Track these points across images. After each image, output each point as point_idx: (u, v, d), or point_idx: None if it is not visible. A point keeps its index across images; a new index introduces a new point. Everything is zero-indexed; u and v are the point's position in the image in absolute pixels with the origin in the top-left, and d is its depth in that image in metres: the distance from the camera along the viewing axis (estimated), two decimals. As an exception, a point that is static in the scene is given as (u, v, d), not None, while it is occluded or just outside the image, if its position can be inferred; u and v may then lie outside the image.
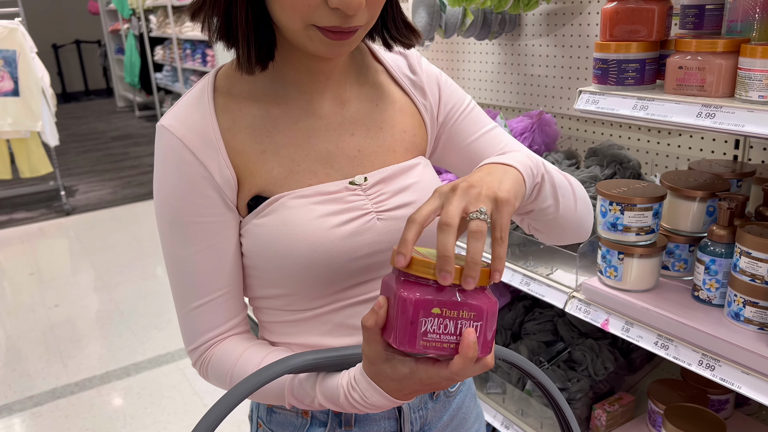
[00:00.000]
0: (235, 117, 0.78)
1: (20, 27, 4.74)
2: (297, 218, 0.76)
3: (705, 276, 1.20)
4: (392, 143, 0.85)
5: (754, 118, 0.95)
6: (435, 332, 0.58)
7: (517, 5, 1.78)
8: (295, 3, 0.66)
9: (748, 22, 1.07)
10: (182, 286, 0.79)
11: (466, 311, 0.58)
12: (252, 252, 0.78)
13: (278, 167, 0.78)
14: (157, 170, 0.78)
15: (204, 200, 0.76)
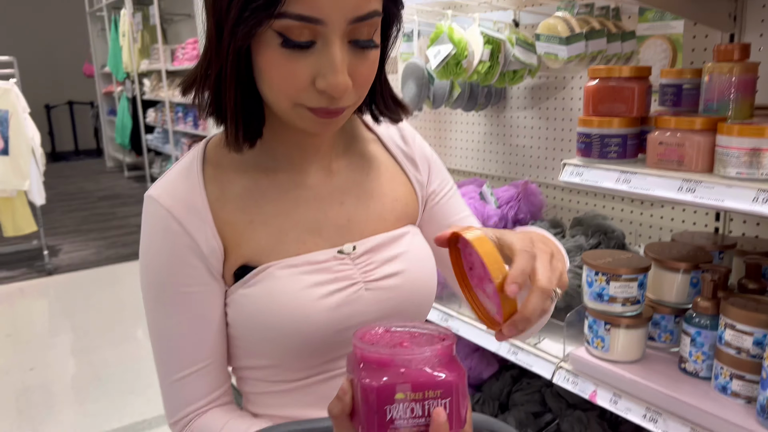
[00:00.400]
0: (223, 187, 0.78)
1: (14, 88, 4.80)
2: (284, 288, 0.75)
3: (691, 348, 1.20)
4: (383, 211, 0.86)
5: (733, 194, 0.98)
6: (402, 418, 0.56)
7: (502, 79, 1.84)
8: (283, 85, 0.68)
9: (723, 101, 1.12)
10: (166, 356, 0.79)
11: (431, 390, 0.56)
12: (237, 322, 0.78)
13: (266, 237, 0.78)
14: (143, 240, 0.78)
15: (190, 270, 0.76)
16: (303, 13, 0.64)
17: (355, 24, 0.66)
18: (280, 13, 0.63)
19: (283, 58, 0.67)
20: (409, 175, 0.91)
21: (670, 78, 1.27)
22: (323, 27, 0.65)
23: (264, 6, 0.63)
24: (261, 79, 0.70)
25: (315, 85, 0.67)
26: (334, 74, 0.66)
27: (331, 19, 0.65)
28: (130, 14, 7.35)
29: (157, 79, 7.41)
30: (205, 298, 0.77)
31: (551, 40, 1.50)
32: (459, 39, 1.71)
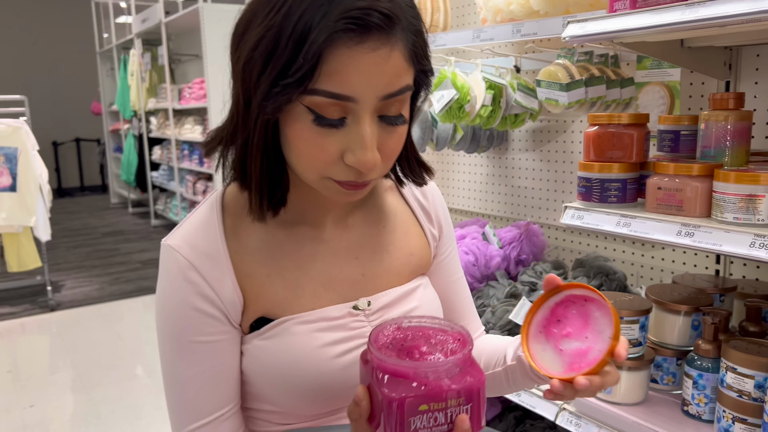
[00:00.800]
0: (242, 240, 0.79)
1: (24, 126, 4.89)
2: (300, 346, 0.76)
3: (693, 390, 1.21)
4: (398, 266, 0.87)
5: (731, 239, 1.00)
6: (425, 427, 0.58)
7: (504, 123, 1.89)
8: (312, 158, 0.68)
9: (719, 148, 1.15)
10: (183, 406, 0.78)
11: (453, 399, 0.58)
12: (251, 371, 0.78)
13: (283, 291, 0.79)
14: (162, 288, 0.78)
15: (210, 320, 0.76)
16: (335, 91, 0.64)
17: (386, 100, 0.67)
18: (311, 90, 0.63)
19: (313, 133, 0.67)
20: (424, 228, 0.92)
21: (668, 124, 1.31)
22: (354, 104, 0.65)
23: (295, 83, 0.63)
24: (289, 149, 0.70)
25: (343, 159, 0.68)
26: (363, 151, 0.66)
27: (362, 96, 0.65)
28: (139, 54, 7.51)
29: (164, 117, 7.53)
30: (226, 346, 0.77)
31: (552, 86, 1.55)
32: (462, 84, 1.76)
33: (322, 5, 0.62)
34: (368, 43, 0.63)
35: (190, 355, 0.76)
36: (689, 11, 1.01)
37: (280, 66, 0.64)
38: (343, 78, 0.63)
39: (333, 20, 0.61)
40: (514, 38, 1.54)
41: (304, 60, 0.62)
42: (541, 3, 1.53)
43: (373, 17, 0.62)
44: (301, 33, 0.62)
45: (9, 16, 10.87)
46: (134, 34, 7.54)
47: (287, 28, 0.63)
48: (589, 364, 0.65)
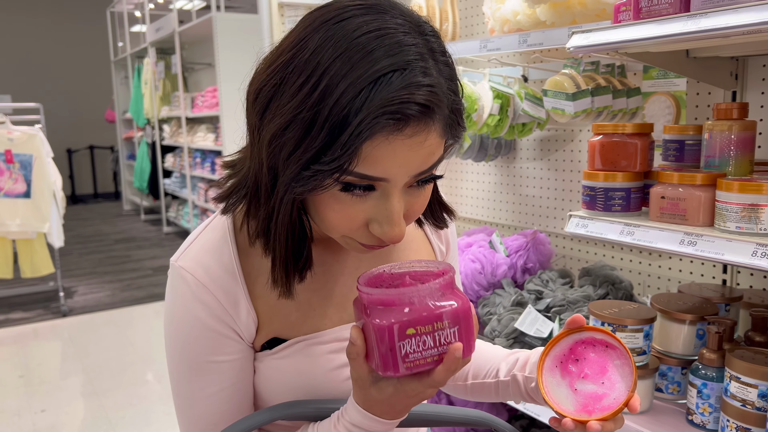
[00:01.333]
0: (254, 261, 0.76)
1: (39, 133, 4.95)
2: (313, 369, 0.76)
3: (698, 400, 1.21)
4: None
5: (733, 248, 1.01)
6: (416, 351, 0.59)
7: (512, 131, 1.90)
8: (337, 225, 0.66)
9: (723, 158, 1.15)
10: (197, 424, 0.77)
11: (439, 321, 0.59)
12: (263, 388, 0.78)
13: (295, 312, 0.78)
14: (172, 308, 0.75)
15: (226, 340, 0.75)
16: (368, 174, 0.61)
17: (419, 176, 0.65)
18: (346, 172, 0.60)
19: (341, 204, 0.64)
20: (433, 245, 0.92)
21: (672, 134, 1.32)
22: (386, 182, 0.63)
23: (329, 172, 0.60)
24: (314, 211, 0.68)
25: (369, 227, 0.66)
26: (391, 227, 0.64)
27: (395, 177, 0.63)
28: (153, 63, 7.59)
29: (177, 125, 7.60)
30: (241, 366, 0.77)
31: (558, 96, 1.56)
32: (469, 93, 1.78)
33: (362, 91, 0.58)
34: (406, 131, 0.60)
35: (205, 374, 0.75)
36: (691, 22, 1.02)
37: (313, 151, 0.60)
38: (378, 163, 0.61)
39: (374, 111, 0.57)
40: (520, 48, 1.55)
41: (342, 150, 0.58)
42: (547, 13, 1.55)
43: (411, 109, 0.59)
44: (339, 120, 0.58)
45: (26, 25, 11.04)
46: (148, 43, 7.63)
47: (323, 111, 0.58)
48: (603, 410, 0.68)
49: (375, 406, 0.66)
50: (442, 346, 0.60)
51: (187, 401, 0.77)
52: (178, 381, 0.77)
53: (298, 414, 0.75)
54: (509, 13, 1.68)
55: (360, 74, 0.58)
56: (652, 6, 1.11)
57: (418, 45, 0.61)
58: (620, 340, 0.71)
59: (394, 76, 0.58)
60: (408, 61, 0.59)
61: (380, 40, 0.59)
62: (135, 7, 9.16)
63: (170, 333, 0.76)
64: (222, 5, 6.16)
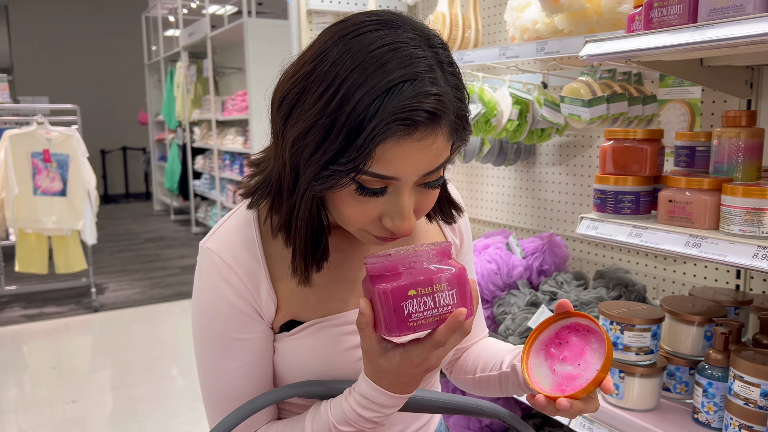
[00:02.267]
0: (275, 247, 0.83)
1: (76, 134, 5.12)
2: (327, 349, 0.82)
3: (703, 399, 1.24)
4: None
5: (735, 250, 1.04)
6: (417, 311, 0.65)
7: (531, 137, 1.95)
8: (353, 220, 0.73)
9: (732, 164, 1.19)
10: (221, 400, 0.83)
11: (438, 284, 0.66)
12: (280, 367, 0.84)
13: (313, 295, 0.83)
14: (201, 290, 0.82)
15: (248, 319, 0.81)
16: (381, 173, 0.68)
17: (427, 176, 0.71)
18: (361, 171, 0.67)
19: (356, 201, 0.71)
20: (446, 236, 0.97)
21: (684, 140, 1.35)
22: (397, 181, 0.70)
23: (345, 172, 0.67)
24: (332, 206, 0.75)
25: (381, 221, 0.73)
26: (402, 221, 0.71)
27: (405, 176, 0.69)
28: (185, 67, 7.76)
29: (207, 128, 7.76)
30: (261, 344, 0.83)
31: (575, 102, 1.61)
32: (489, 99, 1.83)
33: (376, 99, 0.64)
34: (415, 135, 0.66)
35: (229, 351, 0.81)
36: (698, 33, 1.06)
37: (331, 153, 0.66)
38: (389, 163, 0.67)
39: (386, 118, 0.64)
40: (538, 56, 1.60)
41: (358, 152, 0.65)
42: (565, 22, 1.60)
43: (420, 116, 0.65)
44: (356, 125, 0.65)
45: (64, 30, 11.37)
46: (181, 47, 7.80)
47: (341, 117, 0.65)
48: (574, 389, 0.73)
49: (384, 377, 0.71)
50: (442, 307, 0.66)
51: (210, 376, 0.83)
52: (203, 356, 0.83)
53: (313, 392, 0.81)
54: (529, 22, 1.73)
55: (374, 84, 0.65)
56: (662, 17, 1.15)
57: (427, 57, 0.68)
58: (599, 324, 0.75)
59: (405, 86, 0.65)
60: (418, 72, 0.66)
61: (393, 53, 0.66)
62: (169, 12, 9.38)
63: (197, 311, 0.83)
64: (253, 11, 6.29)
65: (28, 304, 5.45)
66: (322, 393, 0.81)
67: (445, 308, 0.66)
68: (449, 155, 0.74)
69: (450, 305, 0.66)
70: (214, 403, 0.84)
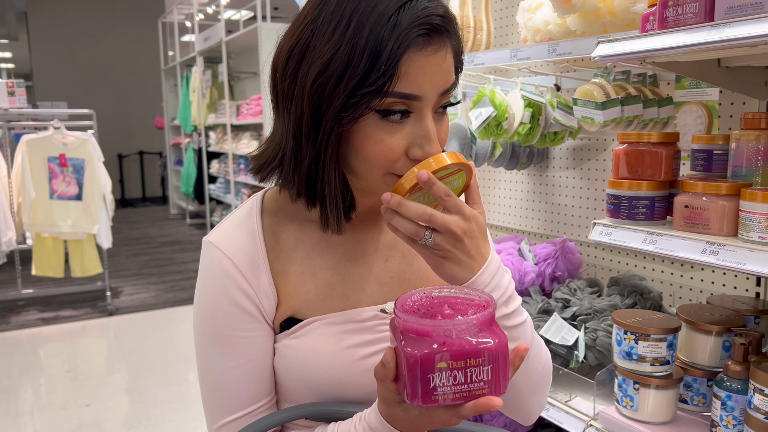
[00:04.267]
0: (279, 238, 0.83)
1: (91, 139, 5.16)
2: (325, 347, 0.79)
3: (722, 412, 1.20)
4: (426, 270, 0.88)
5: (755, 258, 1.00)
6: (445, 386, 0.58)
7: (544, 140, 1.91)
8: (380, 156, 0.73)
9: (751, 168, 1.15)
10: (219, 400, 0.81)
11: (473, 359, 0.58)
12: (279, 369, 0.82)
13: (314, 290, 0.82)
14: (201, 284, 0.82)
15: (247, 316, 0.79)
16: (406, 92, 0.70)
17: (442, 96, 0.74)
18: (389, 93, 0.69)
19: (381, 132, 0.72)
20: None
21: (701, 144, 1.31)
22: (419, 102, 0.72)
23: (375, 91, 0.68)
24: (354, 154, 0.74)
25: (408, 154, 0.73)
26: (430, 144, 0.72)
27: (427, 94, 0.71)
28: (201, 71, 7.81)
29: (222, 132, 7.79)
30: (259, 343, 0.81)
31: (588, 105, 1.57)
32: (500, 102, 1.79)
33: (391, 17, 0.68)
34: (432, 46, 0.71)
35: (228, 349, 0.80)
36: (715, 32, 1.02)
37: (357, 77, 0.68)
38: (412, 79, 0.70)
39: (405, 29, 0.68)
40: (549, 57, 1.57)
41: (385, 67, 0.68)
42: (577, 23, 1.56)
43: (435, 20, 0.70)
44: (376, 44, 0.68)
45: (82, 35, 11.50)
46: (197, 52, 7.85)
47: (360, 42, 0.68)
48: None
49: (398, 422, 0.69)
50: (473, 383, 0.59)
51: (207, 374, 0.82)
52: (202, 355, 0.82)
53: (323, 412, 0.78)
54: (540, 23, 1.69)
55: (385, 7, 0.69)
56: (678, 15, 1.12)
57: None
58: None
59: (413, 3, 0.70)
60: None
61: None
62: (186, 17, 9.45)
63: (198, 306, 0.82)
64: (268, 15, 6.30)
65: (44, 308, 5.50)
66: (332, 415, 0.79)
67: (477, 384, 0.59)
68: (456, 80, 0.77)
69: (483, 381, 0.59)
70: (210, 401, 0.82)
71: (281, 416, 0.78)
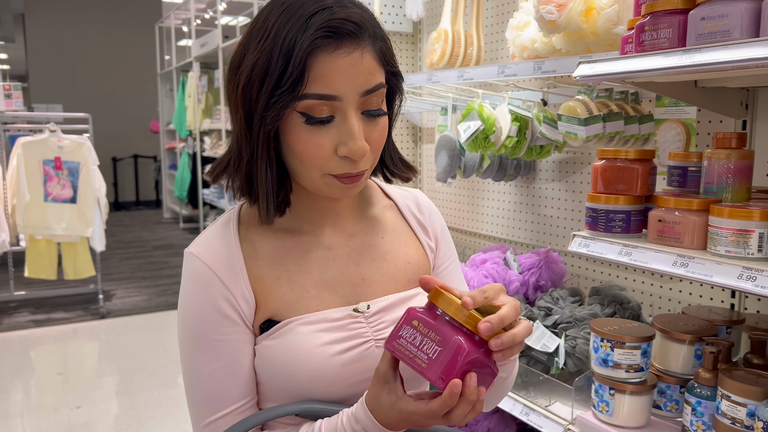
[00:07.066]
0: (255, 246, 0.89)
1: (87, 142, 5.20)
2: (302, 345, 0.85)
3: (692, 417, 1.25)
4: (395, 273, 0.95)
5: (722, 270, 1.06)
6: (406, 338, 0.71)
7: (530, 153, 1.97)
8: (311, 156, 0.81)
9: (721, 185, 1.21)
10: (201, 400, 0.87)
11: (434, 333, 0.70)
12: (260, 369, 0.88)
13: (290, 293, 0.88)
14: (184, 292, 0.88)
15: (227, 320, 0.85)
16: (322, 92, 0.77)
17: (366, 96, 0.80)
18: (302, 95, 0.77)
19: (309, 134, 0.79)
20: (421, 241, 1.00)
21: (677, 161, 1.37)
22: (339, 102, 0.78)
23: (288, 89, 0.77)
24: (291, 155, 0.83)
25: (337, 153, 0.80)
26: (354, 141, 0.79)
27: (345, 94, 0.78)
28: (197, 77, 7.85)
29: (217, 138, 7.83)
30: (240, 346, 0.87)
31: (571, 121, 1.63)
32: (488, 116, 1.85)
33: (302, 25, 0.76)
34: (343, 48, 0.78)
35: (210, 352, 0.86)
36: (686, 56, 1.08)
37: (274, 79, 0.77)
38: (326, 80, 0.77)
39: (311, 33, 0.76)
40: (535, 75, 1.63)
41: (293, 68, 0.76)
42: (562, 42, 1.62)
43: (344, 26, 0.77)
44: (288, 49, 0.76)
45: (78, 38, 11.53)
46: (193, 58, 7.89)
47: (276, 48, 0.77)
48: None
49: (378, 409, 0.76)
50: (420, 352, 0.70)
51: (191, 376, 0.88)
52: (186, 358, 0.88)
53: (310, 410, 0.84)
54: (528, 41, 1.75)
55: (298, 17, 0.77)
56: (653, 40, 1.18)
57: None
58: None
59: (323, 12, 0.78)
60: (331, 4, 0.79)
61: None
62: (182, 22, 9.50)
63: (181, 313, 0.88)
64: (264, 23, 6.36)
65: (37, 310, 5.51)
66: (319, 412, 0.84)
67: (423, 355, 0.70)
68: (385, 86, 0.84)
69: (428, 357, 0.70)
70: (195, 402, 0.88)
71: (270, 413, 0.83)
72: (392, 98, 0.90)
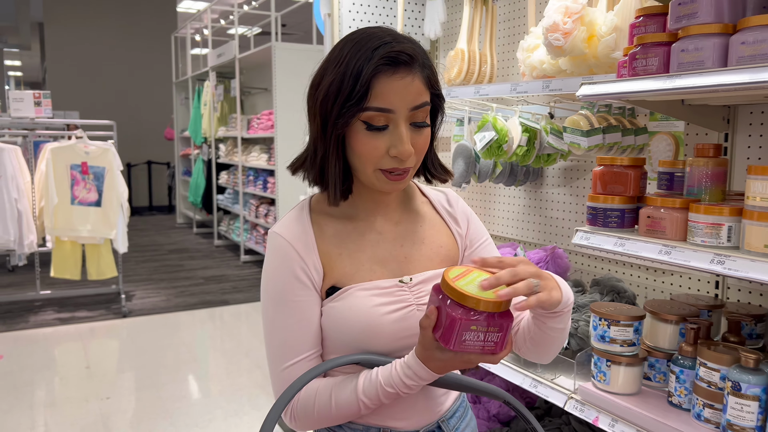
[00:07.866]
0: (323, 228, 1.13)
1: (112, 148, 5.45)
2: (359, 306, 1.07)
3: (676, 384, 1.48)
4: (431, 254, 1.18)
5: (697, 257, 1.29)
6: (471, 339, 0.91)
7: (538, 161, 2.20)
8: (368, 155, 1.04)
9: (700, 187, 1.44)
10: (280, 348, 1.09)
11: (492, 328, 0.90)
12: (326, 326, 1.10)
13: (350, 266, 1.11)
14: (268, 262, 1.12)
15: (302, 285, 1.08)
16: (380, 106, 1.00)
17: (414, 111, 1.02)
18: (365, 108, 1.00)
19: (368, 138, 1.02)
20: (451, 229, 1.23)
21: (665, 167, 1.60)
22: (393, 114, 1.01)
23: (355, 103, 1.00)
24: (353, 154, 1.06)
25: (389, 153, 1.03)
26: (402, 144, 1.02)
27: (398, 108, 1.01)
28: (213, 86, 8.11)
29: (233, 145, 8.08)
30: (311, 306, 1.09)
31: (575, 132, 1.86)
32: (501, 127, 2.09)
33: (368, 55, 0.99)
34: (399, 74, 1.00)
35: (288, 310, 1.09)
36: (669, 81, 1.31)
37: (345, 95, 1.00)
38: (384, 97, 0.99)
39: (375, 61, 0.98)
40: (543, 92, 1.86)
41: (360, 87, 0.99)
42: (567, 64, 1.86)
43: (400, 56, 1.00)
44: (357, 72, 0.99)
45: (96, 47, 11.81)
46: (209, 67, 8.15)
47: (348, 72, 1.00)
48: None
49: (432, 361, 0.98)
50: (488, 342, 0.91)
51: (272, 330, 1.10)
52: (267, 316, 1.10)
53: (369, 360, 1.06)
54: (537, 62, 1.99)
55: (365, 49, 1.01)
56: (644, 66, 1.41)
57: (394, 34, 1.04)
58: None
59: (385, 46, 1.01)
60: (391, 39, 1.02)
61: (374, 35, 1.03)
62: (196, 32, 9.78)
63: (265, 279, 1.11)
64: (279, 32, 6.62)
65: (61, 308, 5.75)
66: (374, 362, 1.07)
67: (490, 344, 0.92)
68: (429, 104, 1.06)
69: (494, 343, 0.92)
70: (276, 351, 1.10)
71: (336, 362, 1.06)
72: (435, 115, 1.13)
